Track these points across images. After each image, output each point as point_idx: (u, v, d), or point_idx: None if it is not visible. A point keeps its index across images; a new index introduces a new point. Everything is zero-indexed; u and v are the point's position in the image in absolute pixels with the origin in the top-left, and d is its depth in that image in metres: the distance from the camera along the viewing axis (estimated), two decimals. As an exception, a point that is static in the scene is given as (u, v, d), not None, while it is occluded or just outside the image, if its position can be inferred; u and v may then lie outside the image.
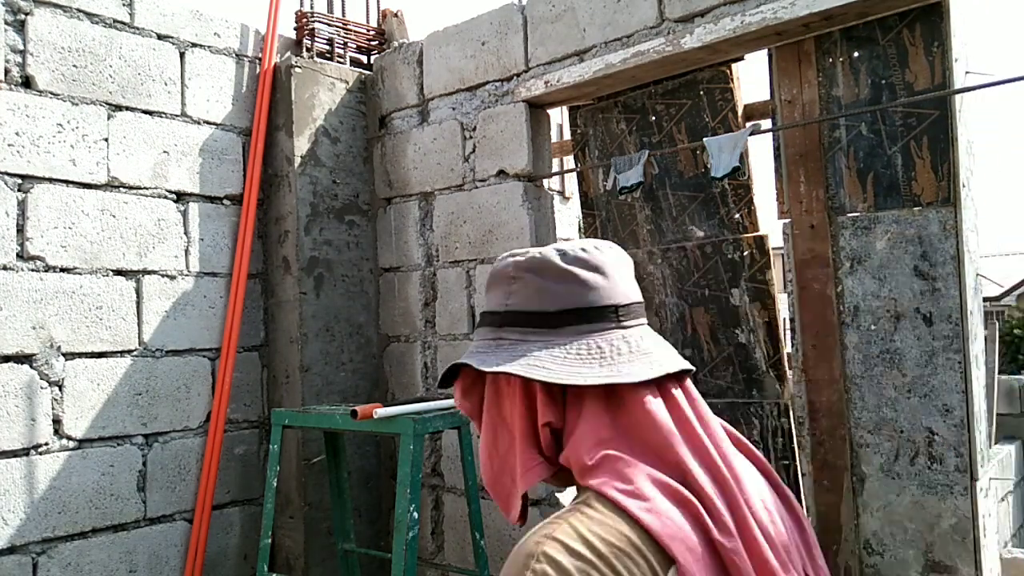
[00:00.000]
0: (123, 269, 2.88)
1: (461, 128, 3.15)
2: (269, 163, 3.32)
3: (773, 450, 2.58)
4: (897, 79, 2.24)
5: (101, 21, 2.86)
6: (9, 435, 2.56)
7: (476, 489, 2.70)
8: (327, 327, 3.28)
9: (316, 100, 3.32)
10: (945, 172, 2.17)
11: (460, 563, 3.16)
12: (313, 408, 2.85)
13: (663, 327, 2.78)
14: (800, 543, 0.86)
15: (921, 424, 2.23)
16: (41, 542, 2.63)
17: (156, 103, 3.00)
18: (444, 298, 3.22)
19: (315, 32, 3.48)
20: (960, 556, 2.18)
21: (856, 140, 2.31)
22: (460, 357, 0.91)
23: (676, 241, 2.74)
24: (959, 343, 2.16)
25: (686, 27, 2.50)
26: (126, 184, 2.90)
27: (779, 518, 0.83)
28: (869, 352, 2.31)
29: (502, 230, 3.00)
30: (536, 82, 2.85)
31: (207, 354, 3.11)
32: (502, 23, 3.02)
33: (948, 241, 2.16)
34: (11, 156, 2.61)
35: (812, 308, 2.40)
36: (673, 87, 2.69)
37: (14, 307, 2.59)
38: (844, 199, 2.34)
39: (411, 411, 2.55)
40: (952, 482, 2.19)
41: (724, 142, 2.36)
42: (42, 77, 2.69)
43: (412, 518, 2.41)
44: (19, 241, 2.62)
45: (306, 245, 3.23)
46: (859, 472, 2.35)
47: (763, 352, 2.58)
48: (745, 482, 0.81)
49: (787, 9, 2.25)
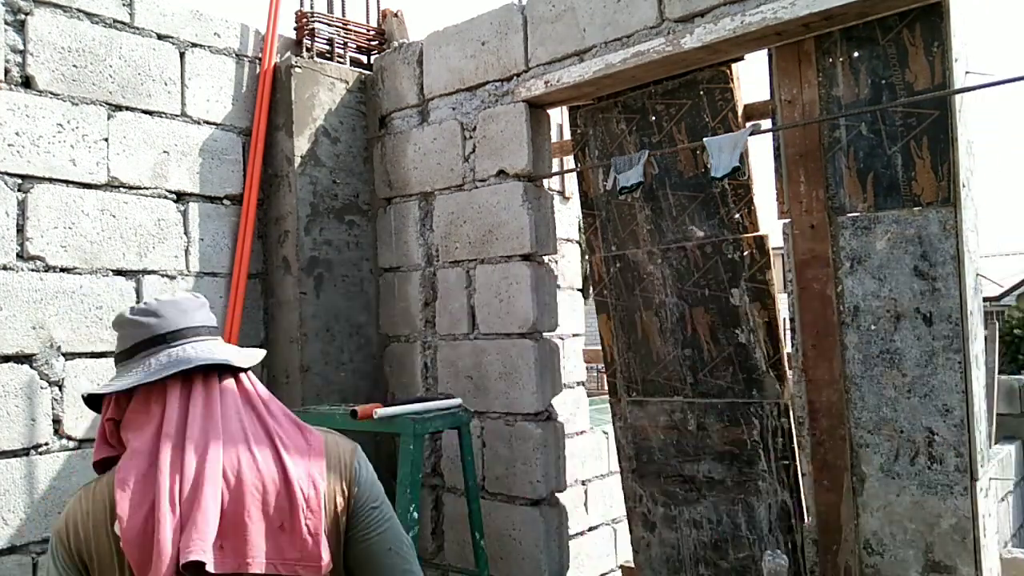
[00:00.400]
0: (123, 269, 2.88)
1: (461, 128, 3.15)
2: (269, 163, 3.32)
3: (773, 450, 2.58)
4: (897, 79, 2.24)
5: (101, 21, 2.86)
6: (9, 435, 2.56)
7: (476, 489, 2.70)
8: (327, 327, 3.28)
9: (316, 100, 3.32)
10: (945, 172, 2.17)
11: (460, 563, 3.16)
12: (313, 408, 2.85)
13: (663, 327, 2.78)
14: (287, 507, 1.21)
15: (921, 424, 2.23)
16: (41, 542, 2.63)
17: (156, 103, 3.00)
18: (444, 298, 3.22)
19: (315, 32, 3.49)
20: (960, 556, 2.18)
21: (856, 140, 2.31)
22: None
23: (676, 241, 2.74)
24: (959, 343, 2.17)
25: (686, 27, 2.50)
26: (126, 184, 2.90)
27: (248, 481, 1.19)
28: (869, 352, 2.31)
29: (502, 230, 3.00)
30: (536, 82, 2.86)
31: (207, 354, 3.11)
32: (502, 23, 3.02)
33: (948, 241, 2.16)
34: (11, 156, 2.61)
35: (812, 308, 2.40)
36: (673, 87, 2.69)
37: (14, 307, 2.59)
38: (844, 199, 2.34)
39: (411, 411, 2.55)
40: (952, 482, 2.19)
41: (724, 142, 2.36)
42: (42, 77, 2.69)
43: (412, 518, 2.41)
44: (19, 241, 2.62)
45: (306, 245, 3.23)
46: (859, 472, 2.35)
47: (763, 352, 2.58)
48: (207, 454, 1.18)
49: (787, 9, 2.25)
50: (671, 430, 2.81)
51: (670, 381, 2.79)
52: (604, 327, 2.96)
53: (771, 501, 2.60)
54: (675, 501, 2.83)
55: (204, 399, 1.23)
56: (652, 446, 2.86)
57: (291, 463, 1.23)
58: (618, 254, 2.89)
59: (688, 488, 2.79)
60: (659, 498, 2.87)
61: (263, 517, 1.20)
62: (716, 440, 2.70)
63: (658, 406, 2.83)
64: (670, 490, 2.84)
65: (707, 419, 2.71)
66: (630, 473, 2.95)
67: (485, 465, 3.06)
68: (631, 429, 2.92)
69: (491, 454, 3.04)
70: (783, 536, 2.59)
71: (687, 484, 2.79)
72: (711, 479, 2.73)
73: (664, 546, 2.88)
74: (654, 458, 2.87)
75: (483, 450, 3.07)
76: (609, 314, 2.94)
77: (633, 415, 2.91)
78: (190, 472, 1.17)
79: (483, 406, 3.06)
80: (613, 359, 2.94)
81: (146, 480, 1.17)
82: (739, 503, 2.67)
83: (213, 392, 1.24)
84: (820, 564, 2.44)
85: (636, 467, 2.93)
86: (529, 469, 2.93)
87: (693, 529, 2.79)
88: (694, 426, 2.75)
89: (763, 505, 2.62)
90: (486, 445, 3.06)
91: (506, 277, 2.99)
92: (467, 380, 3.12)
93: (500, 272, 3.01)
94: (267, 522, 1.20)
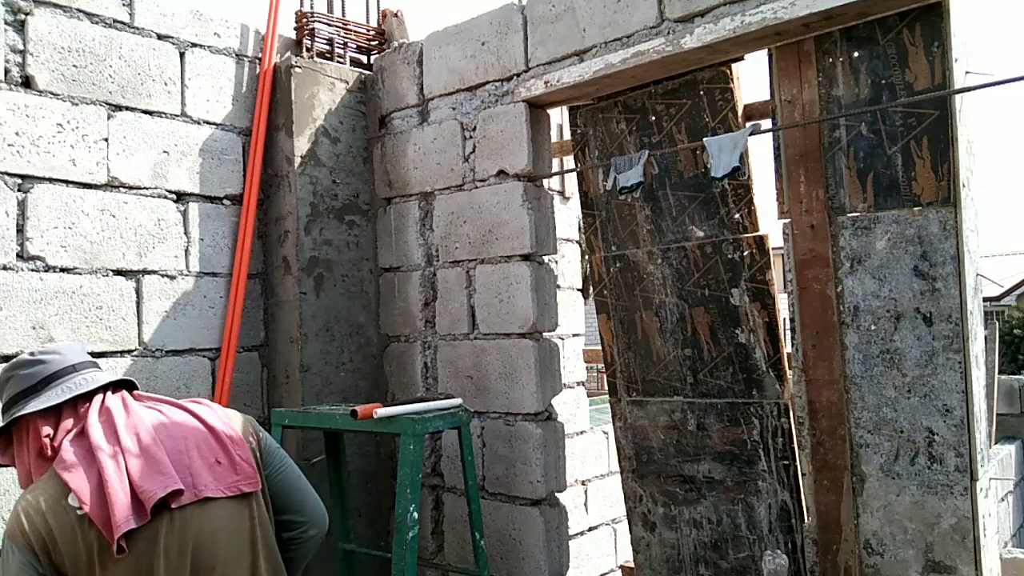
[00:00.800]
0: (123, 269, 2.88)
1: (461, 128, 3.15)
2: (269, 163, 3.32)
3: (773, 450, 2.58)
4: (897, 79, 2.24)
5: (101, 21, 2.86)
6: (9, 435, 2.56)
7: (476, 489, 2.70)
8: (327, 327, 3.28)
9: (316, 100, 3.32)
10: (945, 172, 2.17)
11: (460, 563, 3.16)
12: (313, 408, 2.85)
13: (663, 327, 2.78)
14: (217, 446, 1.58)
15: (921, 424, 2.23)
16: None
17: (156, 103, 3.00)
18: (444, 298, 3.22)
19: (315, 32, 3.49)
20: (960, 556, 2.18)
21: (856, 140, 2.31)
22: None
23: (676, 241, 2.74)
24: (959, 343, 2.17)
25: (686, 27, 2.50)
26: (126, 184, 2.90)
27: (178, 436, 1.55)
28: (869, 352, 2.31)
29: (502, 230, 3.00)
30: (536, 82, 2.86)
31: (207, 354, 3.11)
32: (502, 23, 3.02)
33: (948, 241, 2.16)
34: (11, 156, 2.61)
35: (812, 308, 2.40)
36: (673, 87, 2.69)
37: (14, 307, 2.59)
38: (844, 199, 2.34)
39: (411, 411, 2.55)
40: (952, 482, 2.19)
41: (724, 142, 2.36)
42: (42, 77, 2.69)
43: (412, 518, 2.41)
44: (19, 241, 2.62)
45: (306, 245, 3.23)
46: (859, 472, 2.35)
47: (763, 352, 2.58)
48: (138, 427, 1.52)
49: (787, 9, 2.25)
50: (671, 430, 2.81)
51: (670, 381, 2.79)
52: (604, 327, 2.96)
53: (771, 501, 2.60)
54: (675, 501, 2.83)
55: (120, 401, 1.57)
56: (652, 446, 2.87)
57: (208, 418, 1.61)
58: (618, 254, 2.89)
59: (688, 488, 2.79)
60: (659, 498, 2.87)
61: (200, 457, 1.54)
62: (716, 440, 2.70)
63: (658, 406, 2.83)
64: (670, 490, 2.84)
65: (707, 419, 2.71)
66: (630, 473, 2.95)
67: (485, 465, 3.06)
68: (631, 429, 2.92)
69: (491, 454, 3.04)
70: (783, 536, 2.59)
71: (687, 484, 2.79)
72: (711, 479, 2.73)
73: (664, 546, 2.88)
74: (654, 458, 2.87)
75: (483, 450, 3.07)
76: (609, 314, 2.94)
77: (633, 415, 2.91)
78: (128, 441, 1.48)
79: (483, 406, 3.06)
80: (613, 359, 2.94)
81: (88, 457, 1.45)
82: (739, 503, 2.67)
83: (123, 397, 1.59)
84: (820, 564, 2.44)
85: (636, 467, 2.93)
86: (529, 469, 2.93)
87: (693, 529, 2.79)
88: (694, 426, 2.75)
89: (763, 505, 2.62)
90: (486, 445, 3.06)
91: (506, 277, 2.99)
92: (467, 380, 3.12)
93: (500, 272, 3.01)
94: (204, 460, 1.54)
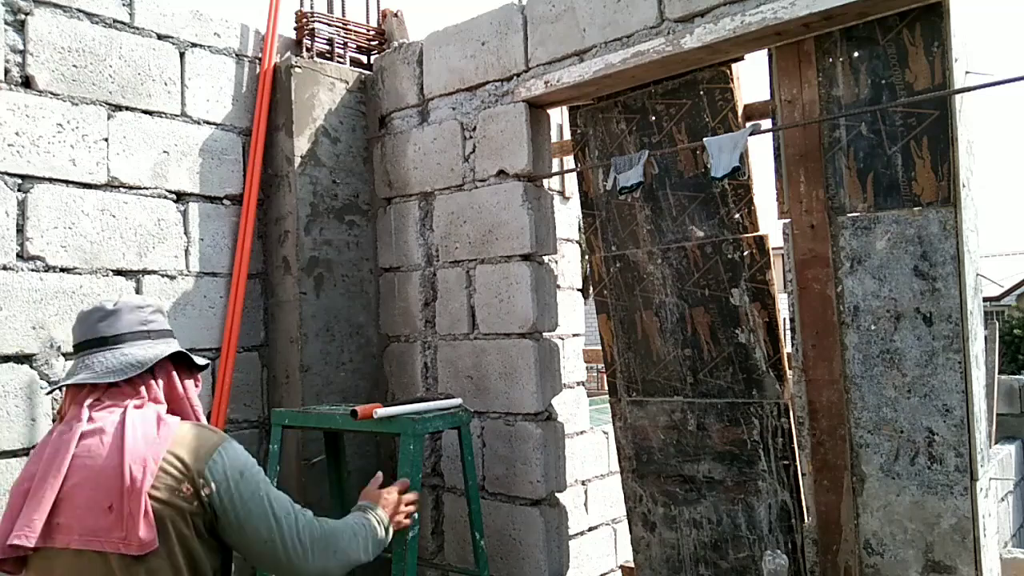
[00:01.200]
0: (123, 269, 2.88)
1: (461, 128, 3.15)
2: (269, 163, 3.32)
3: (773, 450, 2.58)
4: (897, 79, 2.24)
5: (101, 21, 2.86)
6: (9, 435, 2.56)
7: (476, 489, 2.70)
8: (327, 327, 3.28)
9: (316, 100, 3.32)
10: (945, 172, 2.17)
11: (460, 563, 3.16)
12: (313, 408, 2.85)
13: (663, 327, 2.78)
14: (118, 488, 1.41)
15: (921, 424, 2.23)
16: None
17: (156, 103, 3.00)
18: (444, 298, 3.22)
19: (315, 32, 3.48)
20: (960, 556, 2.18)
21: (856, 140, 2.31)
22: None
23: (676, 241, 2.74)
24: (959, 343, 2.17)
25: (686, 27, 2.50)
26: (126, 184, 2.90)
27: (88, 467, 1.44)
28: (869, 352, 2.31)
29: (502, 230, 3.00)
30: (536, 82, 2.86)
31: (207, 354, 3.11)
32: (502, 23, 3.02)
33: (948, 241, 2.16)
34: (11, 156, 2.61)
35: (812, 308, 2.40)
36: (673, 87, 2.69)
37: (14, 307, 2.59)
38: (844, 199, 2.34)
39: (411, 411, 2.55)
40: (952, 482, 2.19)
41: (724, 142, 2.36)
42: (42, 77, 2.69)
43: (412, 518, 2.40)
44: (19, 241, 2.62)
45: (306, 245, 3.23)
46: (859, 472, 2.35)
47: (763, 352, 2.58)
48: (60, 451, 1.46)
49: (787, 9, 2.25)
50: (671, 430, 2.81)
51: (670, 381, 2.79)
52: (604, 327, 2.96)
53: (771, 501, 2.60)
54: (675, 501, 2.83)
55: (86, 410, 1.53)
56: (652, 446, 2.86)
57: (130, 449, 1.42)
58: (618, 254, 2.89)
59: (688, 488, 2.79)
60: (659, 498, 2.87)
61: (90, 500, 1.40)
62: (716, 440, 2.70)
63: (658, 406, 2.83)
64: (670, 490, 2.84)
65: (707, 419, 2.71)
66: (630, 473, 2.95)
67: (485, 465, 3.06)
68: (631, 429, 2.92)
69: (491, 454, 3.04)
70: (783, 536, 2.59)
71: (687, 484, 2.79)
72: (711, 479, 2.73)
73: (664, 546, 2.88)
74: (654, 458, 2.87)
75: (483, 450, 3.07)
76: (609, 314, 2.94)
77: (633, 415, 2.91)
78: (45, 467, 1.45)
79: (483, 406, 3.06)
80: (613, 359, 2.94)
81: (35, 460, 1.50)
82: (739, 503, 2.67)
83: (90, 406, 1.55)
84: (820, 564, 2.44)
85: (636, 467, 2.93)
86: (529, 469, 2.93)
87: (693, 529, 2.79)
88: (694, 426, 2.75)
89: (763, 505, 2.62)
90: (486, 445, 3.06)
91: (506, 277, 2.99)
92: (467, 380, 3.12)
93: (500, 272, 3.01)
94: (96, 503, 1.39)
